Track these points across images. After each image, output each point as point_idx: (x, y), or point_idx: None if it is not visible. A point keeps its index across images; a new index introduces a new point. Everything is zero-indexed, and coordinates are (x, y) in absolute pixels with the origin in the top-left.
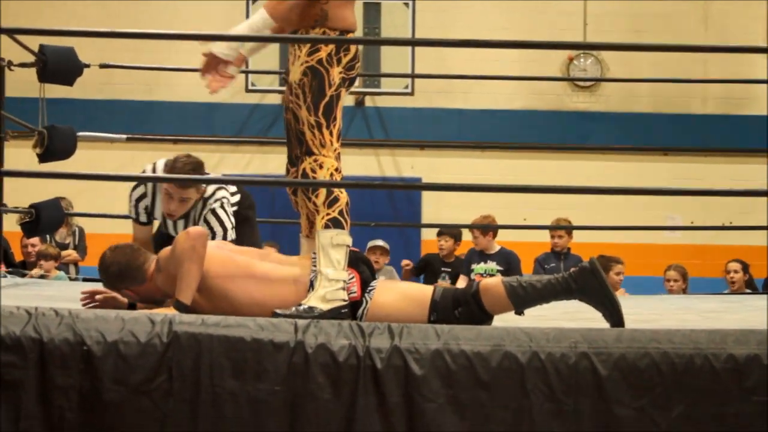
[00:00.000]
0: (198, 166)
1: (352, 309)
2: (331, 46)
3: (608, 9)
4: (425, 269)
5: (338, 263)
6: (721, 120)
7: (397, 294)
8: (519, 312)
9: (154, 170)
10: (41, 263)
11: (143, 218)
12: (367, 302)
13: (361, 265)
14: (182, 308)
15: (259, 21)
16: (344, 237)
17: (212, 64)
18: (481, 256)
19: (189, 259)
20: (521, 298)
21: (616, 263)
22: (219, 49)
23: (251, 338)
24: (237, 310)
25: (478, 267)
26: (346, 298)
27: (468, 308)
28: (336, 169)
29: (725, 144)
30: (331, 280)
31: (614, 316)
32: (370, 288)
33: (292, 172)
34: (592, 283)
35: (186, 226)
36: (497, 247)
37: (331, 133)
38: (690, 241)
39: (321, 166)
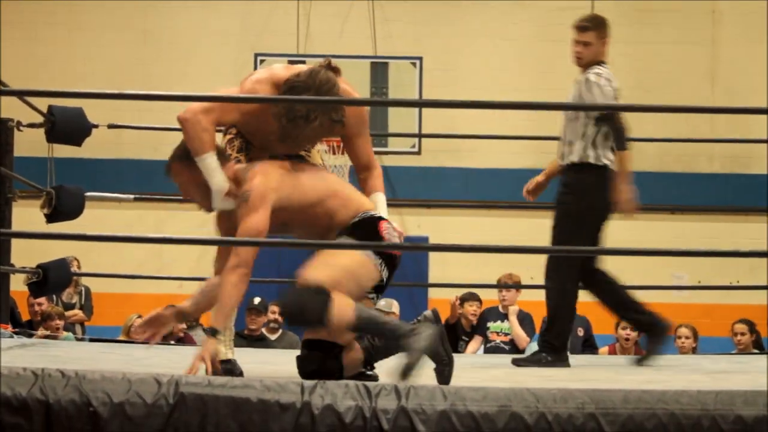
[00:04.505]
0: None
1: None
2: None
3: (615, 67)
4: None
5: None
6: (728, 178)
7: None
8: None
9: None
10: (48, 324)
11: None
12: None
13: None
14: (212, 334)
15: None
16: None
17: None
18: (498, 314)
19: (234, 285)
20: (373, 353)
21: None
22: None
23: (257, 399)
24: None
25: (495, 325)
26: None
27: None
28: None
29: (732, 202)
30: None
31: (444, 374)
32: None
33: None
34: (428, 332)
35: None
36: (517, 307)
37: None
38: (698, 300)
39: None
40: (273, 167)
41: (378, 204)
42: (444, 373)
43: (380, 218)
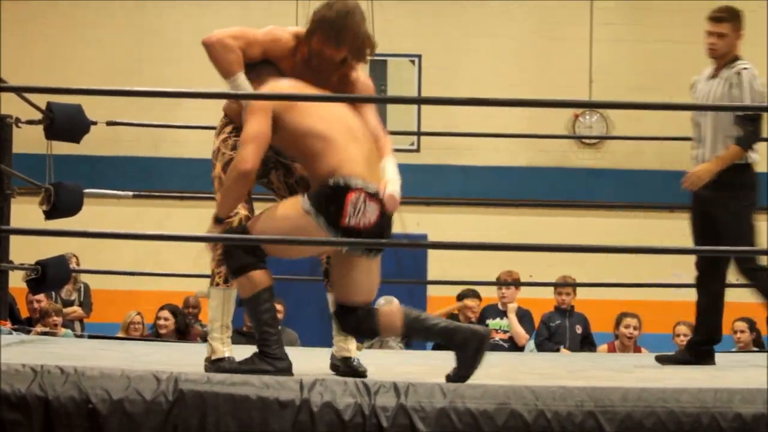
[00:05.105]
0: None
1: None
2: None
3: (613, 65)
4: None
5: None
6: None
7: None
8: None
9: None
10: (47, 320)
11: None
12: None
13: None
14: (219, 221)
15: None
16: None
17: None
18: (497, 312)
19: (234, 182)
20: (412, 330)
21: (626, 317)
22: None
23: (256, 396)
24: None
25: (494, 322)
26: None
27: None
28: None
29: None
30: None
31: (460, 376)
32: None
33: None
34: (471, 346)
35: None
36: (516, 304)
37: None
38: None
39: None
40: (290, 81)
41: (388, 169)
42: (456, 377)
43: (353, 189)
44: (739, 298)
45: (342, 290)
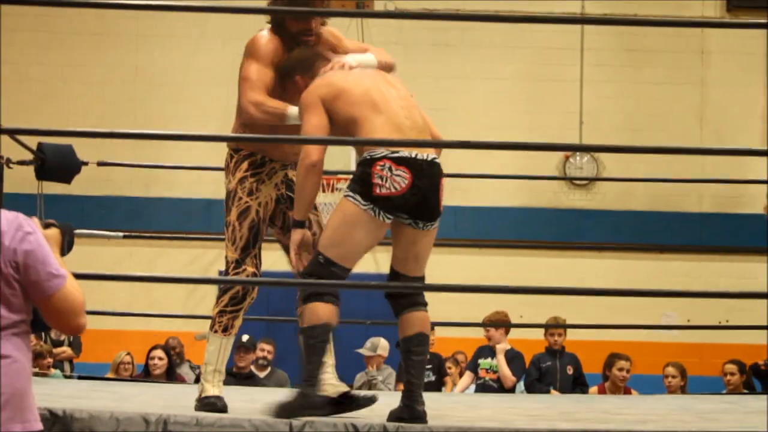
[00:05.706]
0: None
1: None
2: None
3: (604, 107)
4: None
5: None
6: (716, 218)
7: None
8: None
9: None
10: (39, 362)
11: None
12: None
13: None
14: (295, 225)
15: None
16: None
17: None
18: (490, 352)
19: (303, 177)
20: (402, 351)
21: (618, 359)
22: None
23: None
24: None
25: (485, 362)
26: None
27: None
28: None
29: (721, 242)
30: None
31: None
32: None
33: None
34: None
35: None
36: (507, 345)
37: None
38: (687, 339)
39: None
40: (335, 72)
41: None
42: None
43: (377, 160)
44: (728, 339)
45: (393, 257)
